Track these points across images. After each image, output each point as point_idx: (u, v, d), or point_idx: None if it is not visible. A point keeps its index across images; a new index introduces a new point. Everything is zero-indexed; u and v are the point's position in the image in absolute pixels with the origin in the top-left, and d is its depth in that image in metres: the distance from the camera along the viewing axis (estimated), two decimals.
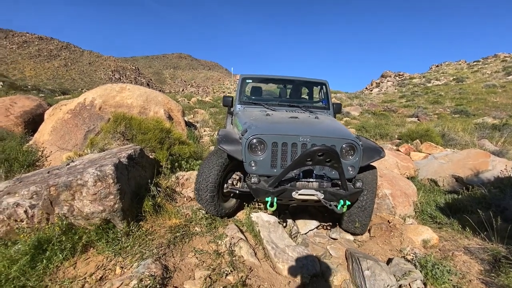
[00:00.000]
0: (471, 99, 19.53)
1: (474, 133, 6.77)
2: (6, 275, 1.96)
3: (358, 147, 2.47)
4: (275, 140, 2.46)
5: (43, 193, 2.21)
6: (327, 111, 3.70)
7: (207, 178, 2.64)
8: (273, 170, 2.50)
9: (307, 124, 2.86)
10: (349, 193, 2.32)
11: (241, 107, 3.64)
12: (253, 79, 4.03)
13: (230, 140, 2.61)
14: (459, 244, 2.79)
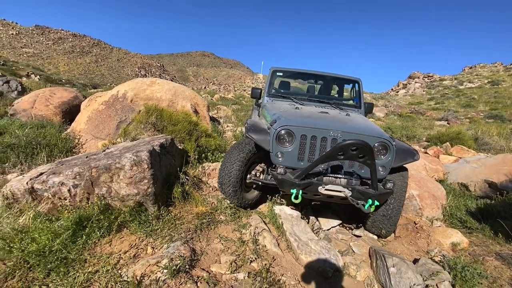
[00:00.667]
0: (507, 103, 18.27)
1: (510, 138, 6.35)
2: (50, 247, 2.15)
3: (391, 146, 2.38)
4: (304, 133, 2.43)
5: (85, 174, 2.40)
6: (358, 109, 3.59)
7: (231, 168, 2.66)
8: (300, 163, 2.47)
9: (338, 120, 2.78)
10: (379, 193, 2.24)
11: (269, 99, 3.62)
12: (283, 72, 3.96)
13: (258, 130, 2.60)
14: (490, 249, 2.67)
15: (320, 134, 2.40)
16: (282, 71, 3.94)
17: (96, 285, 1.91)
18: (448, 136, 6.08)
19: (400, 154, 2.46)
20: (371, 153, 1.92)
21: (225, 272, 2.09)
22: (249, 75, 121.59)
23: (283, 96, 3.64)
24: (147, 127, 3.95)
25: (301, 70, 4.10)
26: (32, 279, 1.90)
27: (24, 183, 2.57)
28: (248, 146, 2.73)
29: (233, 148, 2.80)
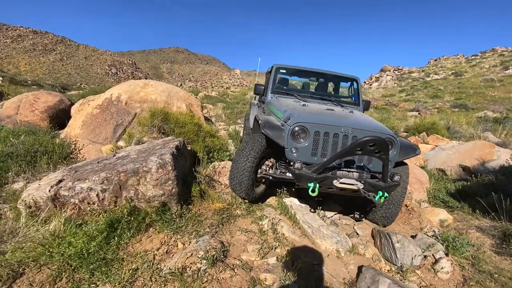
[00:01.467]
0: (470, 93, 19.93)
1: (477, 126, 7.15)
2: (87, 249, 2.27)
3: (396, 142, 2.53)
4: (317, 129, 2.53)
5: (113, 178, 2.51)
6: (357, 107, 3.75)
7: (244, 165, 2.72)
8: (313, 158, 2.58)
9: (345, 117, 2.90)
10: (388, 185, 2.37)
11: (273, 96, 3.69)
12: (286, 69, 4.03)
13: (272, 126, 2.65)
14: (470, 224, 3.15)
15: (333, 131, 2.52)
16: (284, 68, 4.02)
17: (141, 280, 2.07)
18: (424, 126, 6.71)
19: (403, 149, 2.62)
20: (387, 149, 2.06)
21: (255, 259, 2.33)
22: (225, 71, 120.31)
23: (287, 93, 3.76)
24: (151, 130, 4.04)
25: (302, 68, 4.18)
26: (79, 279, 2.02)
27: (46, 191, 2.63)
28: (259, 142, 2.79)
29: (244, 145, 2.84)
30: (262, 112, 3.89)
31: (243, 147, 2.83)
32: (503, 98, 18.00)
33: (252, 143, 2.82)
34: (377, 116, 12.24)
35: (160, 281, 2.05)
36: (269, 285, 1.96)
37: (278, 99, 3.63)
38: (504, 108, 15.38)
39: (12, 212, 2.79)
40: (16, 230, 2.42)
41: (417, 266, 2.38)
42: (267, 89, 3.82)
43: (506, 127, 6.62)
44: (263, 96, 3.99)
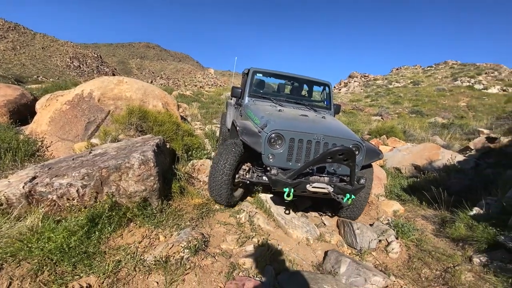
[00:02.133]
0: (425, 101, 21.94)
1: (428, 130, 8.08)
2: (67, 244, 2.31)
3: (363, 148, 2.74)
4: (292, 136, 2.66)
5: (95, 174, 2.56)
6: (328, 111, 3.95)
7: (223, 171, 2.77)
8: (288, 163, 2.71)
9: (317, 123, 3.06)
10: (355, 188, 2.57)
11: (250, 99, 3.77)
12: (262, 73, 4.16)
13: (251, 133, 2.76)
14: (418, 213, 3.67)
15: (306, 138, 2.67)
16: (261, 72, 4.15)
17: (125, 270, 2.18)
18: (384, 130, 7.43)
19: (369, 154, 2.83)
20: (354, 157, 2.26)
21: (234, 247, 2.54)
22: (199, 70, 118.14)
23: (263, 96, 3.86)
24: (127, 128, 4.05)
25: (279, 72, 4.32)
26: (61, 272, 2.08)
27: (20, 188, 2.60)
28: (236, 148, 2.85)
29: (222, 151, 2.88)
30: (239, 115, 3.96)
31: (222, 153, 2.87)
32: (451, 106, 20.11)
33: (229, 149, 2.86)
34: (345, 119, 13.08)
35: (144, 270, 2.18)
36: (247, 268, 2.19)
37: (255, 103, 3.73)
38: (452, 115, 17.25)
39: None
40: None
41: (373, 248, 2.76)
42: (244, 92, 3.89)
43: (451, 132, 7.61)
44: (240, 99, 4.05)
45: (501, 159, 4.65)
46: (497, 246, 2.37)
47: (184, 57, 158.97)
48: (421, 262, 2.48)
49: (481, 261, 2.28)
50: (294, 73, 4.38)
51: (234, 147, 2.88)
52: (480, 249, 2.46)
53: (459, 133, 7.47)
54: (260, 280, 2.03)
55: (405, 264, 2.52)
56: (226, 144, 2.99)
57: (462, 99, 22.06)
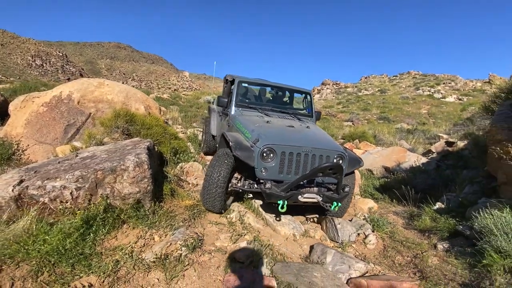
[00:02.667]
0: (391, 108, 23.60)
1: (395, 135, 8.83)
2: (63, 246, 2.32)
3: (346, 157, 2.97)
4: (283, 150, 2.82)
5: (89, 176, 2.58)
6: (310, 118, 4.17)
7: (217, 182, 2.85)
8: (280, 175, 2.85)
9: (304, 135, 3.27)
10: (341, 196, 2.80)
11: (237, 110, 3.85)
12: (248, 83, 4.33)
13: (243, 148, 2.86)
14: (389, 210, 4.08)
15: (296, 151, 2.84)
16: (246, 82, 4.31)
17: (124, 269, 2.25)
18: (357, 134, 8.00)
19: (351, 163, 3.05)
20: (342, 171, 2.51)
21: (228, 244, 2.70)
22: (173, 72, 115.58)
23: (250, 106, 3.96)
24: (113, 131, 4.04)
25: (263, 81, 4.56)
26: (61, 272, 2.10)
27: (9, 191, 2.56)
28: (228, 159, 2.93)
29: (215, 163, 2.94)
30: (226, 125, 4.01)
31: (215, 165, 2.93)
32: (414, 113, 21.86)
33: (221, 161, 2.94)
34: (319, 124, 13.72)
35: (144, 268, 2.26)
36: (243, 262, 2.35)
37: (242, 113, 3.81)
38: (415, 121, 18.78)
39: None
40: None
41: (353, 241, 3.06)
42: (231, 102, 3.94)
43: (415, 137, 8.41)
44: (226, 108, 4.09)
45: (458, 161, 5.29)
46: (457, 234, 2.78)
47: (157, 59, 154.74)
48: (395, 250, 2.82)
49: (444, 247, 2.67)
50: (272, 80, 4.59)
51: (226, 159, 2.93)
52: (443, 237, 2.86)
53: (422, 137, 8.30)
54: (256, 272, 2.21)
55: (381, 253, 2.84)
56: (218, 155, 3.04)
57: (424, 107, 24.08)
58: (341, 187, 2.77)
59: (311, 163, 2.89)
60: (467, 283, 2.10)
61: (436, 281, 2.16)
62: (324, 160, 2.92)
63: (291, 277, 2.11)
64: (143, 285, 2.14)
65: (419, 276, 2.31)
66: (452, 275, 2.26)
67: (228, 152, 3.01)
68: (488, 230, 2.24)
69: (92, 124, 5.07)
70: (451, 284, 2.13)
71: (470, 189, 3.57)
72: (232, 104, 3.94)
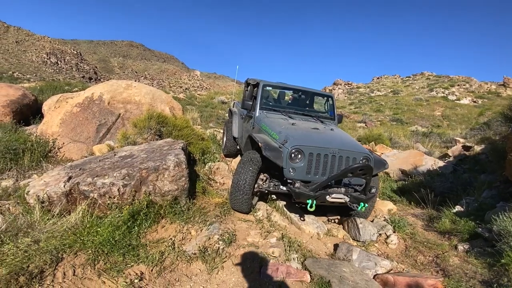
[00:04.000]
0: (405, 109, 23.32)
1: (411, 138, 8.86)
2: (113, 237, 2.56)
3: (372, 159, 3.02)
4: (311, 151, 2.90)
5: (135, 175, 2.82)
6: (332, 121, 4.24)
7: (244, 183, 2.97)
8: (308, 176, 2.93)
9: (330, 137, 3.33)
10: (368, 197, 2.86)
11: (262, 112, 3.98)
12: (272, 86, 4.48)
13: (272, 148, 2.96)
14: (408, 212, 4.19)
15: (323, 152, 2.93)
16: (271, 85, 4.46)
17: (169, 260, 2.48)
18: (373, 137, 8.08)
19: (376, 165, 3.08)
20: (371, 172, 2.56)
21: (259, 240, 2.89)
22: (184, 71, 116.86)
23: (273, 109, 4.09)
24: (146, 131, 4.29)
25: (286, 85, 4.63)
26: (114, 261, 2.34)
27: (61, 187, 2.83)
28: (253, 165, 3.04)
29: (241, 170, 3.05)
30: (251, 128, 4.11)
31: (243, 166, 3.06)
32: (428, 115, 21.56)
33: (249, 162, 3.06)
34: None
35: (186, 260, 2.49)
36: (276, 256, 2.55)
37: (267, 116, 3.91)
38: (428, 123, 18.56)
39: (17, 208, 2.89)
40: (33, 224, 2.58)
41: (375, 241, 3.21)
42: (256, 105, 4.06)
43: (431, 140, 8.42)
44: (250, 111, 4.24)
45: (475, 165, 5.33)
46: (476, 236, 2.89)
47: (168, 58, 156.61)
48: (416, 250, 2.96)
49: (464, 248, 2.79)
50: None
51: (251, 166, 3.05)
52: (463, 239, 2.98)
53: (438, 141, 8.30)
54: (290, 265, 2.40)
55: (403, 253, 2.98)
56: (243, 161, 3.16)
57: (437, 109, 23.69)
58: (369, 188, 2.83)
59: (338, 164, 2.98)
60: (486, 280, 2.24)
61: (458, 279, 2.30)
62: (351, 162, 2.99)
63: (323, 271, 2.29)
64: (187, 274, 2.37)
65: (441, 274, 2.46)
66: (473, 273, 2.39)
67: (253, 157, 3.11)
68: (506, 232, 2.37)
69: (122, 124, 5.37)
70: (472, 281, 2.27)
71: (489, 194, 3.66)
72: (257, 106, 4.07)
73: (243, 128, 4.66)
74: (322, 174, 2.98)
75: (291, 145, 2.91)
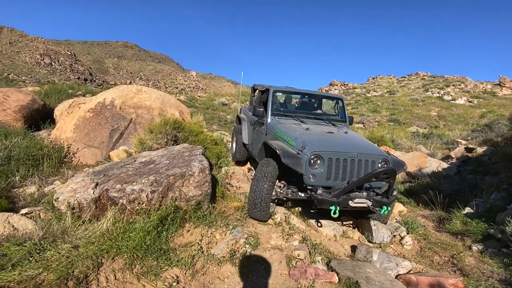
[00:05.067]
0: (401, 110, 23.64)
1: (412, 140, 9.07)
2: (144, 242, 2.65)
3: (390, 161, 3.01)
4: (330, 156, 2.88)
5: (163, 181, 2.92)
6: (344, 124, 4.23)
7: (261, 191, 2.96)
8: (328, 181, 2.90)
9: (346, 140, 3.32)
10: (390, 200, 2.85)
11: (273, 118, 3.96)
12: (282, 91, 4.48)
13: (291, 155, 2.92)
14: (417, 213, 4.35)
15: (343, 157, 2.91)
16: (280, 91, 4.45)
17: (199, 263, 2.58)
18: (375, 138, 8.25)
19: (395, 166, 3.04)
20: (395, 175, 2.52)
21: (282, 243, 3.00)
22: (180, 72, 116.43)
23: (285, 115, 4.06)
24: (162, 137, 4.38)
25: (296, 90, 4.66)
26: (149, 265, 2.43)
27: (90, 193, 2.92)
28: (269, 174, 3.01)
29: (260, 173, 3.04)
30: (263, 134, 4.06)
31: (259, 175, 3.03)
32: (424, 116, 21.91)
33: (266, 170, 3.03)
34: None
35: (216, 263, 2.59)
36: (302, 259, 2.67)
37: (280, 121, 3.89)
38: (425, 123, 18.88)
39: (47, 214, 2.96)
40: (65, 230, 2.66)
41: (390, 242, 3.35)
42: (267, 111, 4.03)
43: (433, 142, 8.63)
44: (261, 118, 4.17)
45: (478, 167, 5.52)
46: (489, 237, 3.05)
47: (164, 58, 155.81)
48: (431, 251, 3.10)
49: (478, 248, 2.94)
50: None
51: (269, 174, 3.02)
52: (476, 240, 3.13)
53: (439, 142, 8.51)
54: (317, 267, 2.52)
55: (418, 253, 3.13)
56: (260, 169, 3.11)
57: (433, 109, 24.08)
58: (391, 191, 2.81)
59: (357, 168, 2.96)
60: (504, 279, 2.39)
61: (477, 278, 2.45)
62: (370, 165, 2.98)
63: (349, 272, 2.41)
64: (219, 277, 2.47)
65: (459, 273, 2.60)
66: (490, 272, 2.54)
67: (268, 167, 3.07)
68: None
69: (134, 129, 5.45)
70: (491, 280, 2.41)
71: (498, 196, 3.83)
72: (269, 113, 4.03)
73: (254, 134, 4.62)
74: (342, 179, 2.97)
75: (310, 151, 2.90)
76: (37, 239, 2.36)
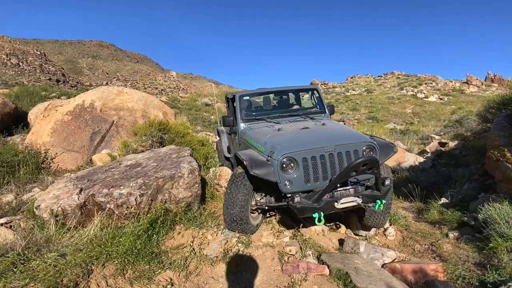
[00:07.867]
0: (379, 107, 24.60)
1: (391, 136, 9.50)
2: (135, 246, 2.61)
3: (376, 147, 2.63)
4: (304, 156, 2.52)
5: (151, 184, 2.88)
6: (324, 114, 3.82)
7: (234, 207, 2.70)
8: (307, 184, 2.55)
9: (322, 134, 2.98)
10: (383, 192, 2.47)
11: (245, 125, 3.59)
12: (249, 95, 4.05)
13: (260, 164, 2.57)
14: (398, 206, 4.58)
15: (318, 153, 2.54)
16: (247, 94, 4.05)
17: (193, 264, 2.58)
18: None
19: (383, 151, 2.69)
20: (378, 164, 2.17)
21: (273, 240, 3.06)
22: (159, 72, 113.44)
23: (257, 118, 3.70)
24: (147, 139, 4.30)
25: (265, 90, 4.31)
26: (141, 270, 2.41)
27: (75, 199, 2.83)
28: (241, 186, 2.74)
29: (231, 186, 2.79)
30: (237, 144, 3.73)
31: (231, 188, 2.79)
32: (400, 113, 22.95)
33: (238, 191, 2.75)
34: None
35: (209, 263, 2.61)
36: (294, 254, 2.74)
37: (251, 127, 3.54)
38: (402, 120, 19.80)
39: (28, 223, 2.84)
40: (50, 238, 2.57)
41: (374, 234, 3.52)
42: (237, 119, 3.68)
43: (409, 138, 9.11)
44: (233, 127, 3.81)
45: (450, 160, 5.91)
46: (463, 225, 3.29)
47: (142, 58, 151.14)
48: (412, 240, 3.29)
49: (455, 235, 3.16)
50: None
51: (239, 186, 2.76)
52: (452, 228, 3.36)
53: (415, 138, 8.98)
54: (308, 261, 2.60)
55: (401, 243, 3.31)
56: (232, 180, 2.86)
57: (408, 106, 25.29)
58: (381, 181, 2.45)
59: (338, 163, 2.60)
60: (479, 262, 2.60)
61: (455, 262, 2.64)
62: (352, 155, 2.61)
63: (339, 264, 2.51)
64: (213, 276, 2.49)
65: (439, 259, 2.79)
66: (466, 257, 2.75)
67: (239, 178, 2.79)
68: (492, 220, 2.75)
69: (116, 132, 5.30)
70: (467, 264, 2.61)
71: (470, 186, 4.14)
72: (238, 120, 3.67)
73: (232, 146, 4.30)
74: (324, 179, 2.60)
75: (279, 154, 2.53)
76: (20, 249, 2.26)
